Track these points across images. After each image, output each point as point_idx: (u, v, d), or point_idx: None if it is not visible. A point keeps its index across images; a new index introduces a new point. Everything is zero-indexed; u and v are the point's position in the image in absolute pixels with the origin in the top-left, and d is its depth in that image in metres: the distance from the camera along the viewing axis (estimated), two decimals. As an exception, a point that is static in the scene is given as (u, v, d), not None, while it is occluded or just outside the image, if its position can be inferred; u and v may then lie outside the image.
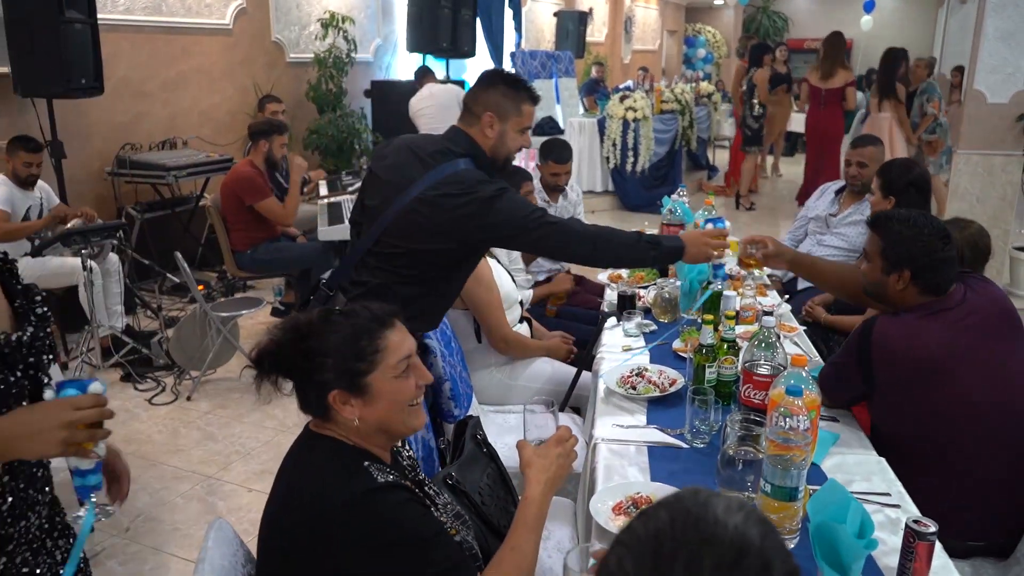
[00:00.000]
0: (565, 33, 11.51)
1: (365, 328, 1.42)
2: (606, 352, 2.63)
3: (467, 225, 2.10)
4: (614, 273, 3.47)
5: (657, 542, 0.74)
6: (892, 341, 1.96)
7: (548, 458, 1.59)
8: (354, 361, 1.40)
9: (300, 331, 1.41)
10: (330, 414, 1.42)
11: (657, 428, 2.09)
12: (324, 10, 7.51)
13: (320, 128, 7.21)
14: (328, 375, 1.39)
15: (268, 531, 1.40)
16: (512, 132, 2.21)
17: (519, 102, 2.19)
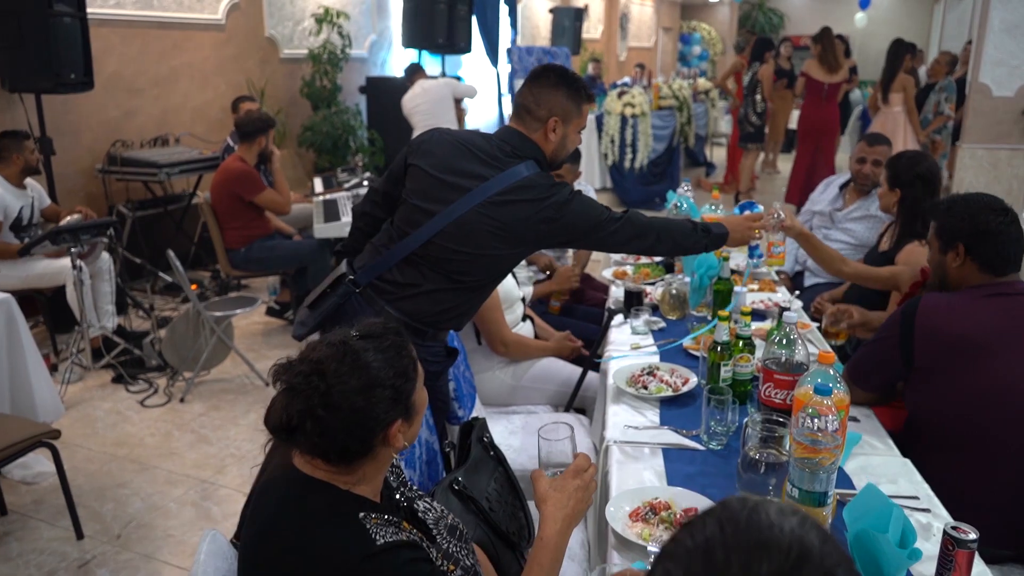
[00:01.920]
0: (561, 29, 11.42)
1: (401, 343, 1.29)
2: (614, 351, 2.54)
3: (541, 229, 2.07)
4: (619, 269, 3.38)
5: (708, 551, 0.67)
6: (938, 316, 1.91)
7: (565, 492, 1.44)
8: (404, 382, 1.26)
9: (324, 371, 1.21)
10: (372, 451, 1.25)
11: (671, 429, 2.00)
12: (318, 5, 7.41)
13: (315, 125, 7.11)
14: (384, 408, 1.23)
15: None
16: (572, 134, 2.19)
17: (580, 103, 2.15)
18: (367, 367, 1.23)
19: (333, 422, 1.20)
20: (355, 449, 1.25)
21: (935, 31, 14.60)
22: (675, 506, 1.62)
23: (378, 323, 1.32)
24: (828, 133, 7.77)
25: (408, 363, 1.28)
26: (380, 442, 1.26)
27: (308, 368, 1.22)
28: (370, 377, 1.23)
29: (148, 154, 5.51)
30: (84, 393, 4.01)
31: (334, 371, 1.22)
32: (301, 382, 1.21)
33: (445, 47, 7.87)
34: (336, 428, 1.20)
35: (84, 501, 3.02)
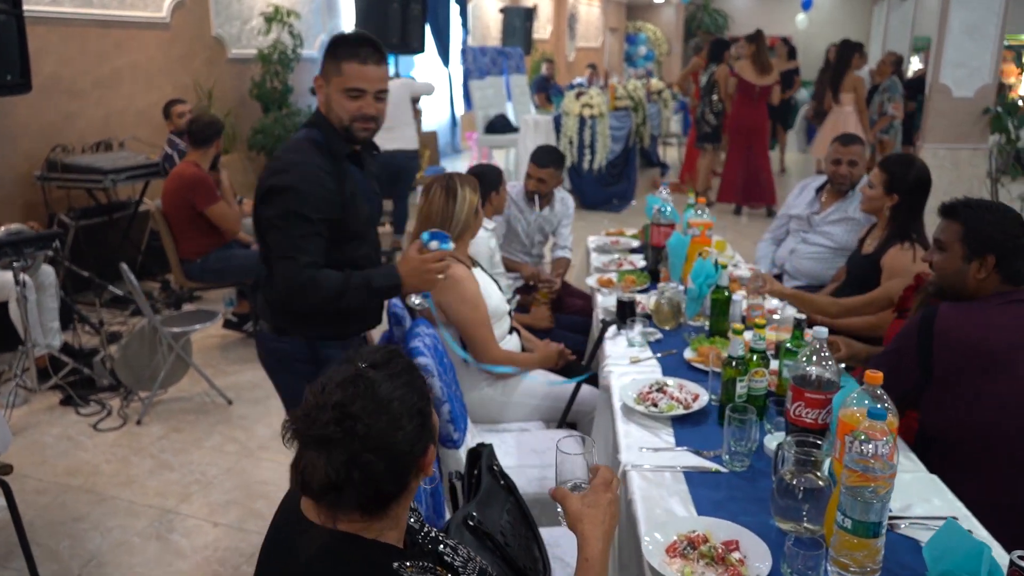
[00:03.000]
0: (512, 30, 11.33)
1: (407, 367, 1.17)
2: (612, 364, 2.43)
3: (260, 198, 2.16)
4: (603, 277, 3.28)
5: None
6: (957, 325, 1.86)
7: (600, 508, 1.35)
8: (426, 404, 1.16)
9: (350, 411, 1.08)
10: (408, 489, 1.14)
11: (690, 450, 1.90)
12: (267, 4, 7.15)
13: (265, 127, 6.86)
14: (417, 437, 1.12)
15: None
16: (336, 94, 2.09)
17: (337, 60, 2.08)
18: (391, 398, 1.12)
19: (379, 465, 1.08)
20: (392, 491, 1.13)
21: (876, 32, 14.92)
22: (713, 539, 1.51)
23: (380, 349, 1.20)
24: (757, 132, 7.88)
25: (422, 383, 1.18)
26: (414, 476, 1.15)
27: (336, 414, 1.08)
28: (398, 408, 1.11)
29: (92, 160, 5.21)
30: (30, 417, 3.74)
31: (362, 410, 1.09)
32: (335, 431, 1.06)
33: (399, 47, 7.68)
34: (382, 471, 1.08)
35: (37, 538, 2.78)
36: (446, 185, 2.55)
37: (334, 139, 2.12)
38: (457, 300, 2.50)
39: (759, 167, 7.97)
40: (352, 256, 2.15)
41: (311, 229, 2.04)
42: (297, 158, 2.08)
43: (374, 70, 2.07)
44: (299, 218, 2.03)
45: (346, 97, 2.07)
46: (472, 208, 2.56)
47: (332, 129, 2.12)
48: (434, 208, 2.53)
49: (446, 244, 2.12)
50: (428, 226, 2.57)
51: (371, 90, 2.07)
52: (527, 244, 3.91)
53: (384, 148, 6.33)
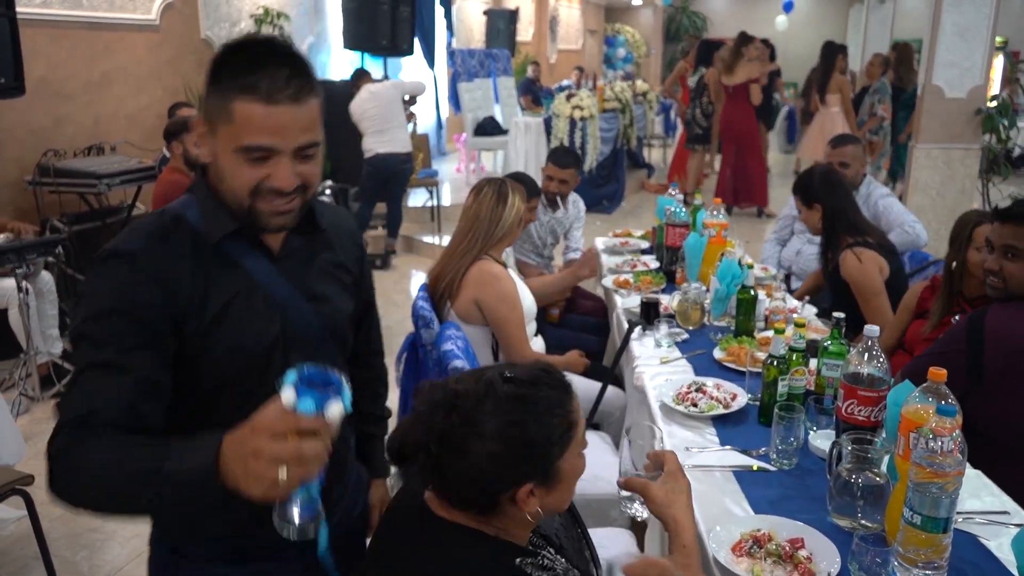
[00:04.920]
0: (496, 32, 11.34)
1: (556, 400, 1.13)
2: (643, 366, 2.44)
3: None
4: (619, 278, 3.29)
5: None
6: (1010, 328, 1.87)
7: (685, 492, 1.36)
8: (550, 446, 1.12)
9: (463, 411, 1.09)
10: (498, 509, 1.13)
11: (736, 450, 1.91)
12: (256, 6, 7.10)
13: (256, 131, 6.80)
14: (512, 465, 1.09)
15: None
16: (225, 154, 1.21)
17: (226, 93, 1.17)
18: (494, 414, 1.09)
19: (450, 465, 1.09)
20: (477, 501, 1.13)
21: (854, 34, 15.12)
22: (777, 537, 1.52)
23: (542, 368, 1.17)
24: (744, 133, 7.94)
25: (558, 423, 1.13)
26: (507, 501, 1.13)
27: (442, 397, 1.11)
28: (503, 431, 1.09)
29: (85, 164, 5.13)
30: (34, 426, 3.67)
31: (466, 410, 1.09)
32: (426, 412, 1.10)
33: (388, 49, 7.67)
34: (452, 473, 1.10)
35: (55, 550, 2.73)
36: (498, 189, 2.55)
37: (212, 220, 1.27)
38: (496, 298, 2.49)
39: (748, 168, 8.05)
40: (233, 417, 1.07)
41: (106, 359, 1.15)
42: (121, 242, 1.23)
43: (290, 112, 1.17)
44: (84, 343, 1.18)
45: (242, 160, 1.20)
46: (518, 216, 2.56)
47: (214, 206, 1.28)
48: (483, 210, 2.53)
49: (328, 402, 0.94)
50: (475, 226, 2.54)
51: (287, 147, 1.19)
52: (539, 245, 3.91)
53: (376, 152, 6.39)
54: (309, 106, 1.20)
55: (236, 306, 1.26)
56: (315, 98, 1.22)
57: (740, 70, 7.70)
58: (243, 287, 1.28)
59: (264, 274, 1.30)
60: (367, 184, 6.55)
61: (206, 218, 1.27)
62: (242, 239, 1.29)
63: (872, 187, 3.73)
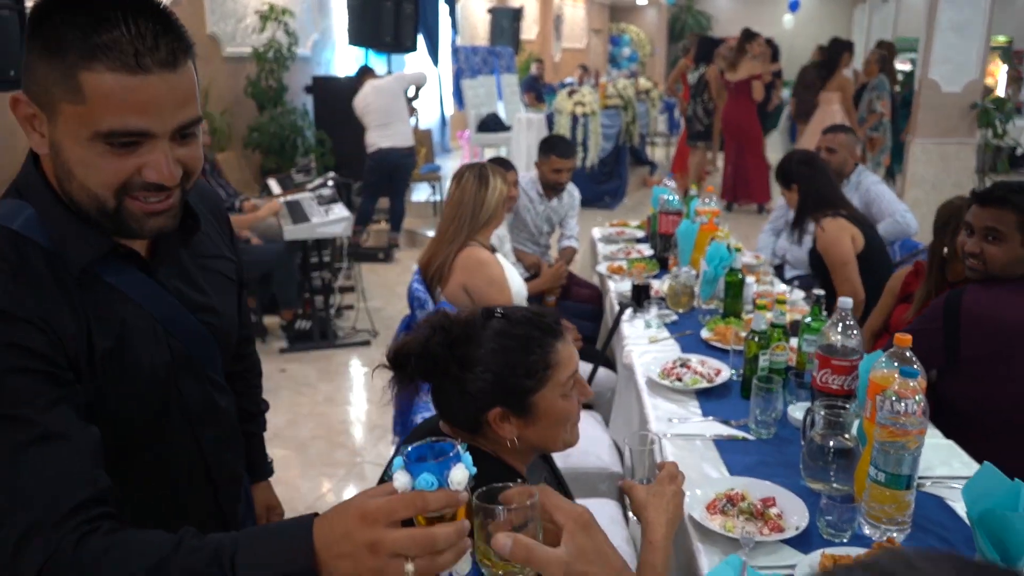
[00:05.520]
0: (500, 30, 11.40)
1: (535, 339, 1.25)
2: (632, 344, 2.51)
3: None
4: (614, 264, 3.36)
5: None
6: (986, 309, 1.93)
7: (664, 497, 1.38)
8: (522, 378, 1.23)
9: (452, 333, 1.23)
10: (480, 428, 1.26)
11: (717, 420, 1.98)
12: (262, 2, 7.18)
13: (261, 126, 6.89)
14: (488, 390, 1.22)
15: None
16: (74, 143, 0.94)
17: (68, 59, 0.90)
18: (479, 344, 1.24)
19: (431, 374, 1.24)
20: (462, 418, 1.27)
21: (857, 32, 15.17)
22: (750, 496, 1.59)
23: (534, 311, 1.30)
24: (744, 130, 8.00)
25: (536, 360, 1.24)
26: (485, 424, 1.26)
27: (439, 321, 1.24)
28: (476, 354, 1.23)
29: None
30: None
31: (456, 334, 1.24)
32: (425, 330, 1.23)
33: (392, 46, 7.73)
34: (440, 389, 1.25)
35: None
36: (479, 173, 2.61)
37: (73, 240, 1.00)
38: (485, 282, 2.56)
39: (749, 165, 8.11)
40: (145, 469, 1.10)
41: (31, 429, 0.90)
42: None
43: (165, 81, 0.92)
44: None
45: (102, 150, 0.94)
46: (501, 198, 2.62)
47: (66, 218, 1.01)
48: (466, 196, 2.59)
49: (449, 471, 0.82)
50: (459, 212, 2.61)
51: (163, 129, 0.95)
52: (535, 234, 3.98)
53: (379, 146, 6.48)
54: (186, 72, 0.94)
55: (125, 338, 1.03)
56: (190, 63, 0.95)
57: (743, 66, 7.77)
58: (128, 315, 1.04)
59: (143, 292, 1.06)
60: (370, 178, 6.63)
61: (63, 237, 0.99)
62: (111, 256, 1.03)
63: (863, 176, 3.79)
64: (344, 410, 4.08)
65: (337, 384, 4.34)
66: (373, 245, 6.72)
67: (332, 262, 5.21)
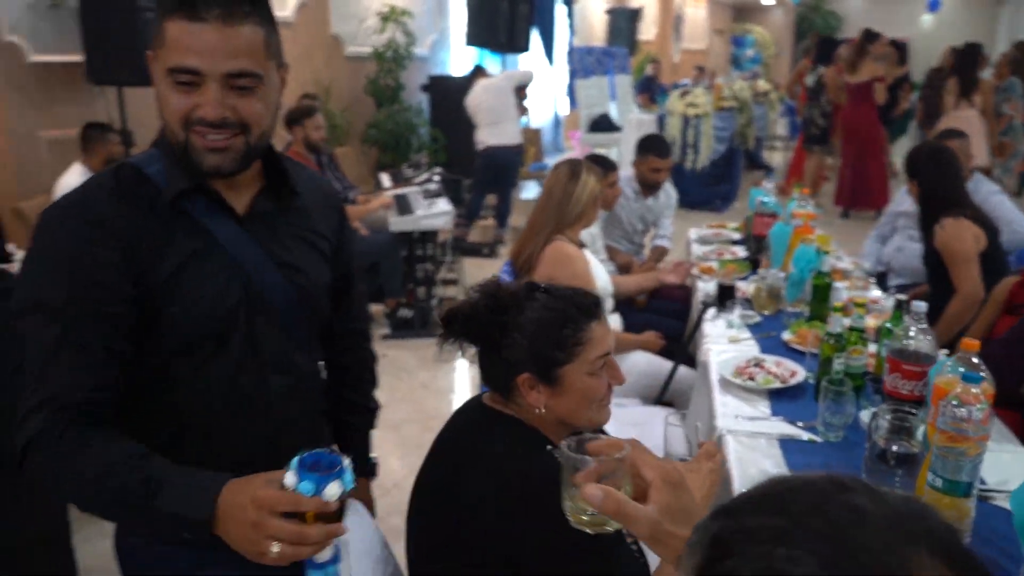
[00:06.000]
0: (617, 30, 11.39)
1: (571, 315, 1.32)
2: (711, 344, 2.51)
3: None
4: (704, 265, 3.35)
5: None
6: None
7: (700, 473, 1.39)
8: (553, 349, 1.30)
9: (499, 300, 1.33)
10: (512, 394, 1.35)
11: (785, 420, 1.97)
12: (383, 3, 7.48)
13: (379, 122, 7.19)
14: (521, 356, 1.31)
15: (437, 507, 1.32)
16: (160, 81, 1.15)
17: (162, 13, 1.14)
18: (519, 312, 1.32)
19: (474, 335, 1.34)
20: (495, 378, 1.36)
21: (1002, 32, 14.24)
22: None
23: (578, 291, 1.37)
24: (865, 134, 7.64)
25: (568, 335, 1.31)
26: (516, 388, 1.33)
27: (490, 287, 1.35)
28: (520, 321, 1.31)
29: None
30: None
31: (502, 300, 1.33)
32: (475, 290, 1.35)
33: (506, 46, 7.88)
34: (477, 341, 1.34)
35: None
36: (571, 167, 2.67)
37: (170, 175, 1.20)
38: (569, 277, 2.62)
39: (869, 170, 7.78)
40: (192, 384, 1.22)
41: (61, 338, 1.11)
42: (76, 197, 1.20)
43: (218, 32, 1.10)
44: (38, 314, 1.12)
45: (172, 86, 1.13)
46: (592, 195, 2.66)
47: (173, 160, 1.20)
48: (556, 188, 2.66)
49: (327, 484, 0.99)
50: (548, 204, 2.68)
51: (213, 71, 1.11)
52: (629, 231, 4.01)
53: (488, 144, 6.63)
54: (244, 31, 1.11)
55: (194, 265, 1.19)
56: (255, 26, 1.12)
57: (864, 68, 7.46)
58: (202, 246, 1.20)
59: (227, 234, 1.21)
60: (479, 175, 6.80)
61: (167, 173, 1.19)
62: (204, 196, 1.21)
63: (981, 184, 3.62)
64: (437, 396, 4.23)
65: (433, 372, 4.49)
66: (479, 240, 6.89)
67: (436, 255, 5.39)
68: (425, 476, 1.37)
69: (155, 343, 1.18)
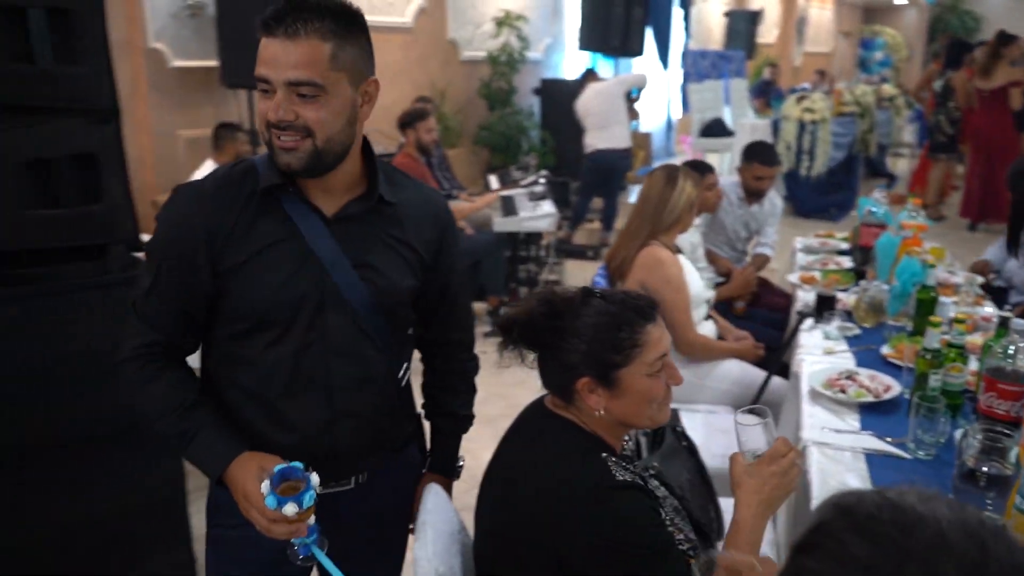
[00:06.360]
0: (735, 33, 11.19)
1: (627, 318, 1.36)
2: (805, 354, 2.48)
3: None
4: (806, 274, 3.29)
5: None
6: None
7: (760, 477, 1.38)
8: (610, 352, 1.34)
9: (555, 306, 1.37)
10: (572, 398, 1.39)
11: (874, 435, 1.94)
12: (499, 9, 7.63)
13: (491, 125, 7.35)
14: (579, 360, 1.35)
15: (497, 502, 1.39)
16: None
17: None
18: (576, 317, 1.36)
19: (532, 341, 1.39)
20: (555, 383, 1.41)
21: None
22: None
23: (632, 294, 1.40)
24: (995, 142, 7.17)
25: (625, 337, 1.35)
26: (575, 392, 1.37)
27: (546, 293, 1.39)
28: (576, 326, 1.35)
29: (340, 148, 5.87)
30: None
31: (557, 307, 1.37)
32: (531, 296, 1.40)
33: (619, 50, 7.89)
34: (535, 347, 1.40)
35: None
36: (668, 173, 2.69)
37: (267, 170, 1.35)
38: (661, 281, 2.64)
39: (1000, 181, 7.33)
40: (261, 358, 1.36)
41: (154, 284, 1.34)
42: (200, 179, 1.42)
43: (282, 45, 1.23)
44: (149, 263, 1.37)
45: (259, 92, 1.30)
46: (689, 201, 2.68)
47: (270, 158, 1.35)
48: (652, 193, 2.69)
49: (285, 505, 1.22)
50: (643, 209, 2.72)
51: (278, 79, 1.24)
52: (732, 238, 3.97)
53: (596, 147, 6.66)
54: (307, 44, 1.22)
55: (271, 252, 1.31)
56: (318, 40, 1.22)
57: (999, 72, 7.05)
58: (285, 235, 1.32)
59: (310, 230, 1.33)
60: (586, 178, 6.84)
61: (267, 170, 1.34)
62: (296, 196, 1.34)
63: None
64: (533, 393, 4.30)
65: (529, 370, 4.57)
66: (583, 243, 6.93)
67: (540, 256, 5.48)
68: (488, 473, 1.44)
69: (228, 316, 1.35)
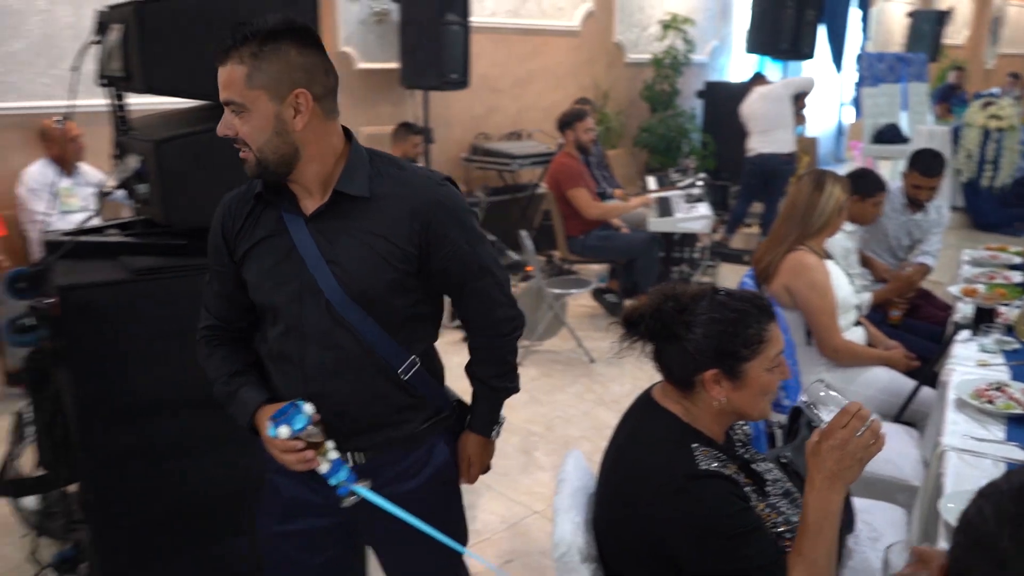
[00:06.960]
0: (919, 34, 10.60)
1: (754, 315, 1.47)
2: (957, 365, 2.45)
3: None
4: (969, 287, 3.19)
5: (1020, 493, 0.79)
6: None
7: (819, 455, 1.41)
8: (739, 346, 1.45)
9: (681, 301, 1.48)
10: (693, 389, 1.49)
11: (1019, 446, 1.93)
12: (665, 12, 7.69)
13: (651, 127, 7.43)
14: (707, 353, 1.45)
15: (605, 484, 1.56)
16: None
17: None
18: (704, 312, 1.47)
19: (659, 335, 1.49)
20: (678, 376, 1.50)
21: None
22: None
23: (753, 293, 1.53)
24: None
25: (752, 333, 1.46)
26: (700, 384, 1.47)
27: (671, 290, 1.51)
28: (701, 320, 1.46)
29: (504, 146, 6.18)
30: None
31: (684, 303, 1.48)
32: (657, 291, 1.52)
33: (788, 53, 7.72)
34: (660, 340, 1.49)
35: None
36: (816, 178, 2.73)
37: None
38: (806, 286, 2.69)
39: None
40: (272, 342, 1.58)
41: (209, 276, 1.67)
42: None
43: (219, 72, 1.43)
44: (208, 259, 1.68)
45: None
46: (837, 206, 2.70)
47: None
48: (800, 198, 2.74)
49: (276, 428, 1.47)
50: (791, 213, 2.76)
51: (220, 99, 1.45)
52: (893, 245, 3.89)
53: (759, 151, 6.59)
54: (228, 68, 1.41)
55: (264, 246, 1.53)
56: (236, 64, 1.40)
57: None
58: (274, 232, 1.52)
59: (295, 227, 1.50)
60: (746, 181, 6.78)
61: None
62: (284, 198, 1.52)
63: None
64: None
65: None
66: (740, 247, 6.87)
67: (694, 258, 5.53)
68: (605, 453, 1.59)
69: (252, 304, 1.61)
